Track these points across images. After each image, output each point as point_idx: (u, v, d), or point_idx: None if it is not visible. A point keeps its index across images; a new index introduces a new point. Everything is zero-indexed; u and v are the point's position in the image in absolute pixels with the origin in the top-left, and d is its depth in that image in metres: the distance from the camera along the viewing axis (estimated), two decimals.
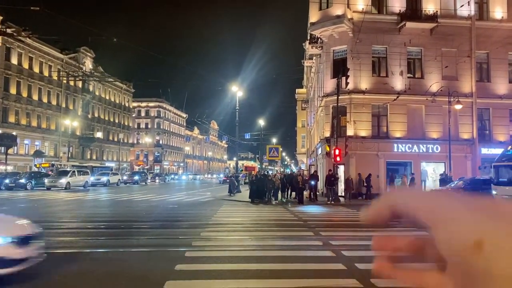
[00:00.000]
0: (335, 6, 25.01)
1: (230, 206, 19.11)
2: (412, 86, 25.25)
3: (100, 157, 65.98)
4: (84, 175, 35.94)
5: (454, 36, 25.64)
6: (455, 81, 25.55)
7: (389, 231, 2.27)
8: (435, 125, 25.54)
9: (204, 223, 12.14)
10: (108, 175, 41.45)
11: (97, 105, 65.92)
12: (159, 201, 21.50)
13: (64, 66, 54.14)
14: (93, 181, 38.14)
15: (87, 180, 35.47)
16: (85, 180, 35.18)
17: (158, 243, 8.88)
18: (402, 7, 25.47)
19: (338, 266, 6.62)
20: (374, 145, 24.98)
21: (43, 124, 51.98)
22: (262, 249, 8.10)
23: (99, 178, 39.86)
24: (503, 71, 26.36)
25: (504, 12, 25.95)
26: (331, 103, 24.94)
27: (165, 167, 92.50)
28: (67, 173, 33.65)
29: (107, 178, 40.25)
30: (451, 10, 25.61)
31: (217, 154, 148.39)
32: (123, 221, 12.94)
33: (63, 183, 31.87)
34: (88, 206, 18.24)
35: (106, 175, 41.08)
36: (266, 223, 12.61)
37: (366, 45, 25.18)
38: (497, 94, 26.05)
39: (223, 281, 5.72)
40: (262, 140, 52.51)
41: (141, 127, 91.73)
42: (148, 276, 6.02)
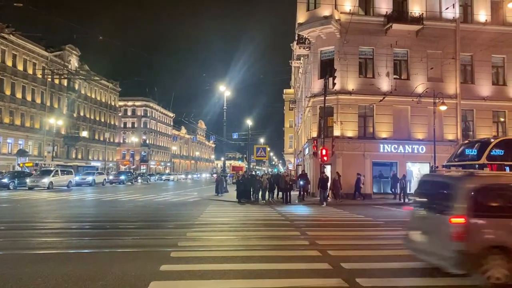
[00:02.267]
0: (323, 7, 25.13)
1: (217, 206, 19.05)
2: (398, 87, 25.54)
3: (85, 157, 65.13)
4: (68, 174, 35.27)
5: (439, 38, 26.02)
6: (440, 82, 25.93)
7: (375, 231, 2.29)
8: (420, 126, 25.87)
9: (190, 223, 12.07)
10: (94, 174, 40.73)
11: (83, 104, 65.08)
12: (146, 201, 21.32)
13: (49, 64, 53.30)
14: (78, 181, 37.66)
15: (70, 180, 34.85)
16: (69, 180, 34.57)
17: (144, 243, 8.80)
18: (388, 8, 25.74)
19: (324, 265, 6.64)
20: (360, 145, 25.19)
21: (27, 122, 51.09)
22: (248, 249, 8.08)
23: (84, 177, 39.19)
24: (487, 73, 26.85)
25: (488, 15, 26.42)
26: (318, 104, 25.06)
27: (151, 167, 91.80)
28: (50, 173, 32.92)
29: (93, 178, 39.53)
30: (437, 12, 25.97)
31: (205, 154, 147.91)
32: (108, 221, 12.78)
33: (45, 182, 31.29)
34: (70, 206, 17.92)
35: (92, 175, 40.33)
36: (252, 223, 12.59)
37: (353, 46, 25.37)
38: (480, 95, 26.51)
39: (208, 281, 5.69)
40: (249, 140, 52.53)
41: (127, 127, 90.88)
42: (133, 276, 5.95)
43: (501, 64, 27.18)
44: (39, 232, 10.56)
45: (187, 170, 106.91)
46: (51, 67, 51.27)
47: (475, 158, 16.75)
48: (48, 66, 52.30)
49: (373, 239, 9.73)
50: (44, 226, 11.64)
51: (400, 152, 25.53)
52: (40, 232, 10.57)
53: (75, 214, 14.88)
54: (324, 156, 21.46)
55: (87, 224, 12.00)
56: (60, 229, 11.15)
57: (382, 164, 25.93)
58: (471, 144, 18.11)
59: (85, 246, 8.47)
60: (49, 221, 12.75)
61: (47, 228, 11.31)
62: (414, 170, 26.42)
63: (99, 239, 9.36)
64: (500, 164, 16.23)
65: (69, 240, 9.30)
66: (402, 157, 25.56)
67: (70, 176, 35.24)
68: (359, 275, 5.95)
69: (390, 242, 9.19)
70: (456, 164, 18.30)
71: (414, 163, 26.32)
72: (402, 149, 25.57)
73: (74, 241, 9.07)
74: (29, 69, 50.74)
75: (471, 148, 17.52)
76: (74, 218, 13.71)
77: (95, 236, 9.79)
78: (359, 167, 24.27)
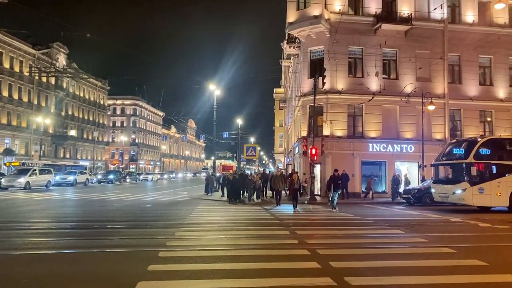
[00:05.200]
0: (313, 6, 25.19)
1: (206, 205, 18.98)
2: (387, 87, 25.74)
3: (74, 156, 64.44)
4: (47, 174, 34.00)
5: (427, 38, 26.28)
6: (428, 82, 26.19)
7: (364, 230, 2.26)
8: (409, 125, 26.10)
9: (179, 223, 11.99)
10: (75, 174, 39.46)
11: (71, 103, 64.37)
12: (134, 201, 21.14)
13: (36, 62, 52.61)
14: (58, 181, 36.51)
15: (49, 180, 33.57)
16: (47, 180, 33.28)
17: (131, 243, 8.70)
18: (378, 8, 25.91)
19: (313, 264, 6.62)
20: (349, 144, 25.32)
21: (13, 121, 50.37)
22: (237, 248, 8.04)
23: (65, 177, 37.96)
24: (474, 74, 27.19)
25: (476, 16, 26.75)
26: (308, 103, 25.12)
27: (141, 166, 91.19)
28: (27, 172, 31.55)
29: (74, 178, 38.32)
30: (425, 13, 26.23)
31: (195, 153, 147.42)
32: (95, 221, 12.63)
33: (21, 182, 30.07)
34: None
35: (73, 174, 39.09)
36: (242, 222, 12.55)
37: (342, 46, 25.49)
38: (468, 95, 26.84)
39: (196, 281, 5.63)
40: (240, 139, 52.46)
41: (116, 125, 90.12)
42: (120, 277, 5.87)
43: (488, 64, 27.56)
44: (24, 232, 10.38)
45: (171, 169, 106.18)
46: (38, 65, 50.62)
47: (462, 157, 16.95)
48: (35, 64, 51.61)
49: (362, 238, 9.76)
50: (29, 226, 11.45)
51: (389, 152, 25.73)
52: (25, 232, 10.39)
53: (60, 214, 14.68)
54: (314, 156, 21.51)
55: (73, 224, 11.83)
56: (46, 229, 10.98)
57: (371, 163, 26.12)
58: (459, 144, 18.33)
59: (71, 246, 8.35)
60: (33, 221, 12.55)
61: (33, 228, 11.13)
62: (403, 169, 26.65)
63: (86, 239, 9.24)
64: (487, 163, 16.46)
65: (55, 240, 9.16)
66: (391, 156, 25.77)
67: (49, 176, 33.92)
68: (347, 274, 5.95)
69: (379, 240, 9.23)
70: (444, 163, 18.53)
71: (403, 162, 26.55)
72: (391, 149, 25.77)
73: (60, 242, 8.94)
74: (16, 67, 50.01)
75: (459, 147, 17.73)
76: (58, 218, 13.52)
77: (82, 236, 9.66)
78: (349, 167, 24.36)
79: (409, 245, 8.67)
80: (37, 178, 31.93)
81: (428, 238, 9.34)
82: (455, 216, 14.56)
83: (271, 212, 15.71)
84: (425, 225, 12.30)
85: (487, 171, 16.46)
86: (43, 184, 32.35)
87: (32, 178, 31.11)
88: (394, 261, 6.90)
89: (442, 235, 10.08)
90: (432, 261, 6.98)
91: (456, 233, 10.47)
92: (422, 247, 8.36)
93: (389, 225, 11.84)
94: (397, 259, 7.10)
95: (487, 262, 6.81)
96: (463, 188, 16.37)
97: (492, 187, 16.16)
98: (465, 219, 13.58)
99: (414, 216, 15.09)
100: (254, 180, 21.49)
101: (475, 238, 9.84)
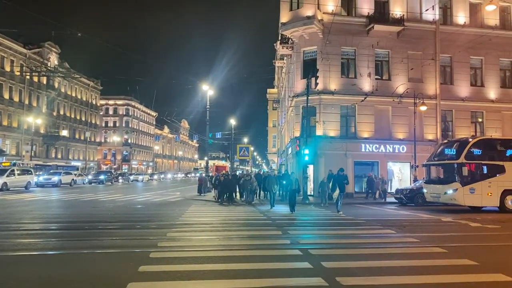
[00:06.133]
0: (306, 7, 25.24)
1: (199, 206, 18.90)
2: (379, 87, 25.86)
3: (65, 156, 63.93)
4: (27, 174, 32.36)
5: (419, 39, 26.45)
6: (420, 83, 26.36)
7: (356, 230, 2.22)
8: (401, 126, 26.25)
9: (171, 223, 11.92)
10: (60, 174, 37.79)
11: (63, 102, 63.85)
12: (125, 202, 20.98)
13: (28, 61, 52.13)
14: (42, 182, 35.13)
15: (29, 181, 31.88)
16: (27, 180, 31.54)
17: (122, 244, 8.62)
18: (370, 9, 26.03)
19: (305, 264, 6.61)
20: (342, 145, 25.39)
21: (4, 121, 49.85)
22: (229, 249, 8.01)
23: (49, 178, 36.37)
24: (465, 75, 27.42)
25: (467, 17, 26.99)
26: (301, 103, 25.15)
27: (134, 167, 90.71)
28: (4, 173, 29.62)
29: (59, 178, 36.55)
30: (417, 14, 26.40)
31: (188, 154, 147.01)
32: (86, 222, 12.51)
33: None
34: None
35: (58, 175, 37.35)
36: (234, 223, 12.51)
37: (335, 47, 25.56)
38: (459, 96, 27.05)
39: (188, 282, 5.59)
40: (233, 140, 52.42)
41: (109, 126, 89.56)
42: (110, 278, 5.81)
43: (479, 65, 27.82)
44: (13, 233, 10.26)
45: (164, 170, 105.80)
46: (29, 65, 50.18)
47: (454, 157, 17.07)
48: (26, 63, 51.15)
49: (354, 238, 9.77)
50: (18, 227, 11.32)
51: (382, 152, 25.85)
52: (15, 233, 10.27)
53: (50, 215, 14.52)
54: (307, 156, 21.53)
55: (60, 225, 11.71)
56: (36, 230, 10.86)
57: (364, 163, 26.21)
58: (450, 144, 18.46)
59: (61, 247, 8.26)
60: (23, 222, 12.41)
61: (22, 229, 11.00)
62: (395, 169, 26.81)
63: (76, 240, 9.15)
64: (478, 163, 16.58)
65: (44, 241, 9.06)
66: (383, 157, 25.89)
67: (29, 176, 32.25)
68: (339, 274, 5.94)
69: (371, 241, 9.25)
70: (436, 163, 18.64)
71: (395, 163, 26.70)
72: (383, 149, 25.89)
73: (50, 243, 8.84)
74: (6, 66, 49.54)
75: (450, 148, 17.85)
76: (48, 219, 13.38)
77: (72, 237, 9.56)
78: (341, 167, 24.31)
79: (401, 245, 8.69)
80: (15, 178, 30.12)
81: (419, 238, 9.38)
82: (447, 216, 14.65)
83: (264, 213, 15.68)
84: (417, 225, 12.35)
85: (478, 171, 16.59)
86: (22, 185, 30.72)
87: (10, 179, 29.38)
88: (386, 261, 6.91)
89: (433, 235, 10.13)
90: (423, 260, 7.01)
91: (447, 233, 10.52)
92: (413, 247, 8.39)
93: (381, 225, 11.87)
94: (389, 259, 7.11)
95: (478, 261, 6.84)
96: (454, 188, 16.48)
97: (483, 187, 16.29)
98: (456, 219, 13.66)
99: (406, 216, 15.15)
100: (252, 181, 21.14)
101: (466, 238, 9.90)
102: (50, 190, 30.58)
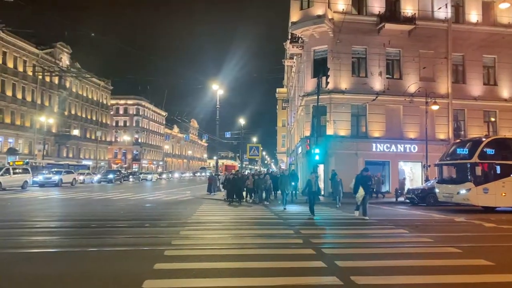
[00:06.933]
0: (316, 6, 25.16)
1: (209, 205, 18.97)
2: (390, 86, 25.68)
3: (76, 155, 64.59)
4: (24, 173, 30.90)
5: (431, 38, 26.20)
6: (432, 82, 26.11)
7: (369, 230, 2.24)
8: (412, 125, 26.04)
9: (183, 222, 12.00)
10: (61, 173, 36.17)
11: (74, 102, 64.51)
12: (137, 200, 21.14)
13: (40, 61, 52.75)
14: (42, 181, 33.94)
15: (26, 180, 30.36)
16: (24, 180, 30.10)
17: (136, 242, 8.71)
18: (381, 8, 25.86)
19: (318, 263, 6.61)
20: (353, 144, 25.27)
21: (17, 120, 50.51)
22: (242, 247, 8.04)
23: (50, 177, 34.90)
24: (478, 73, 27.09)
25: (479, 16, 26.66)
26: (311, 103, 25.08)
27: (144, 166, 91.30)
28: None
29: (59, 177, 34.94)
30: (429, 12, 26.15)
31: (197, 153, 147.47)
32: (99, 220, 12.64)
33: None
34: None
35: (58, 174, 35.76)
36: (246, 221, 12.55)
37: (346, 46, 25.44)
38: (472, 95, 26.75)
39: (202, 280, 5.63)
40: (242, 139, 52.41)
41: (119, 125, 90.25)
42: (127, 275, 5.88)
43: (492, 64, 27.47)
44: (28, 231, 10.41)
45: (173, 169, 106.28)
46: (42, 65, 50.73)
47: (466, 157, 16.89)
48: (39, 63, 51.73)
49: (367, 237, 9.74)
50: (34, 225, 11.49)
51: (393, 151, 25.68)
52: (30, 231, 10.42)
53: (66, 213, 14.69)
54: (317, 156, 21.46)
55: (78, 223, 11.84)
56: (51, 228, 11.01)
57: (374, 163, 25.97)
58: (463, 143, 18.27)
59: (76, 245, 8.36)
60: (39, 220, 12.59)
61: (37, 227, 11.16)
62: (406, 169, 26.62)
63: (91, 238, 9.25)
64: (491, 163, 16.39)
65: (59, 239, 9.19)
66: (394, 156, 25.71)
67: (25, 176, 30.76)
68: (353, 273, 5.93)
69: (384, 240, 9.21)
70: (448, 163, 18.47)
71: (406, 162, 26.50)
72: (394, 148, 25.72)
73: (65, 240, 8.96)
74: (19, 66, 50.21)
75: (463, 147, 17.67)
76: (65, 217, 13.55)
77: (86, 235, 9.67)
78: (352, 167, 24.20)
79: (414, 244, 8.64)
80: (10, 178, 28.69)
81: (433, 238, 9.31)
82: (460, 216, 14.51)
83: (275, 212, 15.68)
84: (429, 225, 12.27)
85: (491, 171, 16.39)
86: (18, 185, 29.38)
87: (4, 178, 27.98)
88: (400, 261, 6.88)
89: (447, 235, 10.05)
90: (438, 260, 6.96)
91: (461, 233, 10.44)
92: (427, 247, 8.34)
93: (393, 224, 11.80)
94: (403, 258, 7.08)
95: (494, 262, 6.78)
96: (467, 188, 16.32)
97: (497, 187, 16.10)
98: (469, 219, 13.53)
99: (418, 216, 15.05)
100: (266, 179, 20.53)
101: (481, 238, 9.80)
102: (49, 190, 29.26)
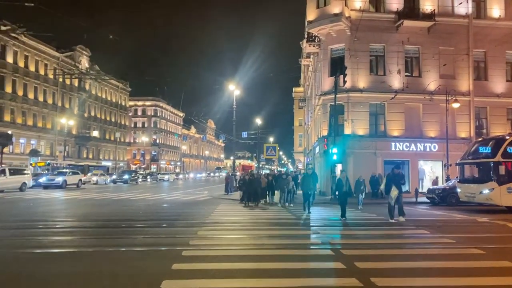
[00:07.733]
0: (333, 4, 24.95)
1: (227, 205, 19.00)
2: (409, 84, 25.26)
3: (96, 156, 65.72)
4: (22, 175, 29.51)
5: (451, 34, 25.65)
6: (453, 79, 25.57)
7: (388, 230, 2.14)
8: (432, 123, 25.55)
9: (201, 222, 12.03)
10: (65, 174, 34.29)
11: (94, 104, 65.66)
12: (155, 201, 21.33)
13: (60, 64, 53.92)
14: (45, 182, 32.53)
15: (24, 182, 28.83)
16: (22, 182, 28.59)
17: (155, 242, 8.76)
18: (399, 5, 25.46)
19: (338, 265, 6.53)
20: (371, 143, 24.95)
21: (39, 123, 51.71)
22: (260, 248, 8.00)
23: (53, 178, 33.16)
24: (501, 70, 26.39)
25: (502, 10, 25.98)
26: (329, 102, 24.88)
27: (162, 166, 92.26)
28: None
29: (63, 179, 33.10)
30: (449, 8, 25.63)
31: (214, 153, 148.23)
32: (118, 220, 12.79)
33: None
34: None
35: (62, 175, 33.88)
36: (263, 222, 12.51)
37: (363, 44, 25.13)
38: (494, 92, 26.07)
39: (220, 280, 5.62)
40: (259, 139, 52.46)
41: (137, 126, 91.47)
42: (145, 275, 5.91)
43: None
44: (51, 231, 10.61)
45: (190, 170, 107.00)
46: (62, 68, 51.85)
47: (489, 156, 16.47)
48: (59, 66, 52.93)
49: (387, 238, 9.57)
50: (53, 225, 11.70)
51: (412, 150, 25.25)
52: (52, 231, 10.61)
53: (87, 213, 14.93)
54: (335, 155, 21.28)
55: (97, 223, 12.01)
56: (71, 228, 11.19)
57: (394, 162, 25.41)
58: (485, 142, 17.81)
59: (96, 244, 8.45)
60: (60, 220, 12.82)
61: (57, 227, 11.36)
62: (426, 168, 26.15)
63: (110, 237, 9.36)
64: None
65: (80, 239, 9.32)
66: (414, 155, 25.28)
67: (24, 177, 29.27)
68: (373, 274, 5.82)
69: (405, 241, 9.04)
70: (470, 162, 18.03)
71: (426, 161, 26.04)
72: (414, 147, 25.29)
73: (87, 240, 9.09)
74: (40, 69, 51.39)
75: (485, 146, 17.23)
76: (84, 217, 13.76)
77: (105, 235, 9.79)
78: (371, 166, 23.97)
79: (436, 245, 8.46)
80: (6, 179, 27.02)
81: (455, 239, 9.09)
82: (482, 217, 14.15)
83: (293, 213, 15.59)
84: (451, 226, 11.99)
85: None
86: (16, 187, 27.86)
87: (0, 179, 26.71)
88: (421, 262, 6.73)
89: (470, 235, 9.80)
90: (460, 262, 6.79)
91: (484, 234, 10.17)
92: (449, 248, 8.15)
93: (414, 225, 11.58)
94: (424, 259, 6.93)
95: None
96: (490, 188, 15.90)
97: None
98: (493, 220, 13.18)
99: (440, 216, 14.75)
100: (289, 180, 19.03)
101: (505, 239, 9.53)
102: (51, 192, 27.68)
